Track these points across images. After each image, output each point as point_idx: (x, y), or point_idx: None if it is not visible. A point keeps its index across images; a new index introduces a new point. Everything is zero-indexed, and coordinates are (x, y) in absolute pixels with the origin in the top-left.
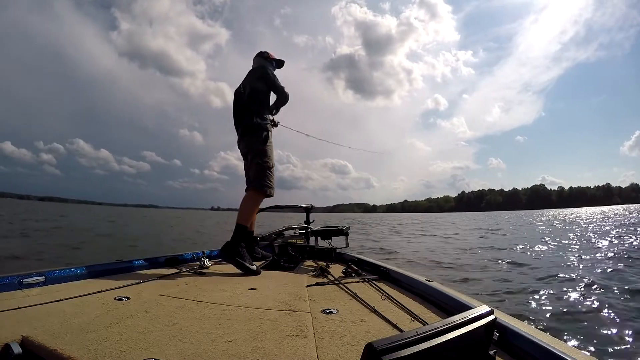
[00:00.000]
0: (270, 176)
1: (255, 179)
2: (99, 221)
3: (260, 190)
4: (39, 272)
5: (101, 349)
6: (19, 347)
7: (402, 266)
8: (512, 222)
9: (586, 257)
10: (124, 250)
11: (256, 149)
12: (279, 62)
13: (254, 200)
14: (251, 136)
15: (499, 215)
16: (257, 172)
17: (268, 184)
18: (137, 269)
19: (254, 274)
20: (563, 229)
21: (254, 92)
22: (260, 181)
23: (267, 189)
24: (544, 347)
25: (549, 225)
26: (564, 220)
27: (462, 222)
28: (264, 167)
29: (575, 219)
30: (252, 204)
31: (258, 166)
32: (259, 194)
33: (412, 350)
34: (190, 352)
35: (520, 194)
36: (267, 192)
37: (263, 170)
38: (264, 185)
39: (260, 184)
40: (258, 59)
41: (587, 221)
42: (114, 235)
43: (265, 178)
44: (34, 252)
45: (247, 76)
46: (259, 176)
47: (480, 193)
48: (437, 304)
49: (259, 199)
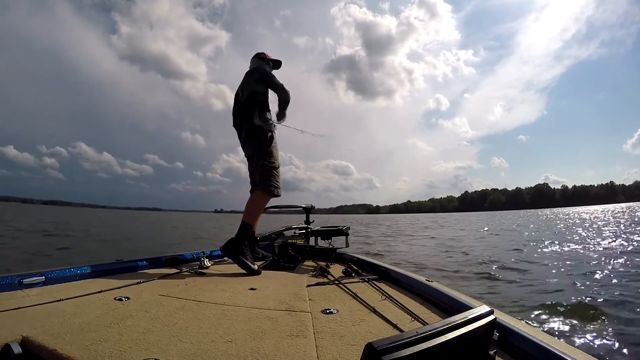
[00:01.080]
0: (277, 176)
1: (261, 180)
2: (109, 224)
3: (266, 190)
4: (39, 272)
5: (101, 349)
6: (19, 347)
7: (403, 266)
8: (534, 221)
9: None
10: (125, 252)
11: (262, 150)
12: (276, 62)
13: (261, 199)
14: (256, 138)
15: (511, 214)
16: (263, 173)
17: (274, 184)
18: (137, 269)
19: (254, 273)
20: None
21: (253, 94)
22: (266, 181)
23: (273, 189)
24: (544, 347)
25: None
26: (586, 219)
27: (479, 222)
28: (270, 167)
29: (595, 217)
30: (258, 203)
31: (264, 167)
32: (266, 194)
33: (412, 350)
34: (190, 352)
35: (523, 193)
36: (273, 192)
37: (269, 170)
38: (271, 185)
39: (266, 184)
40: (255, 60)
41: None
42: (118, 236)
43: (271, 178)
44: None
45: (244, 78)
46: (265, 177)
47: (483, 193)
48: (437, 304)
49: (266, 199)
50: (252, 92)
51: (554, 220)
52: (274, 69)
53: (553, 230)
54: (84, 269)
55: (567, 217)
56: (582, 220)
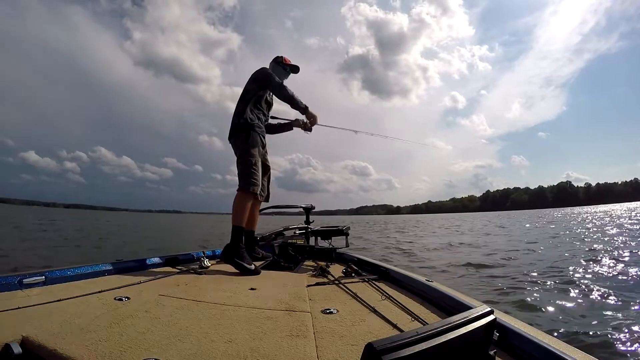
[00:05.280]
0: (255, 173)
1: (240, 179)
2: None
3: (245, 188)
4: (39, 272)
5: (101, 349)
6: (19, 347)
7: (404, 266)
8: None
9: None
10: (142, 251)
11: (240, 149)
12: (293, 67)
13: (242, 199)
14: (235, 137)
15: (547, 213)
16: (241, 171)
17: (253, 182)
18: (137, 269)
19: (252, 273)
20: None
21: (243, 92)
22: (244, 180)
23: (252, 186)
24: (544, 347)
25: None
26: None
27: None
28: (247, 164)
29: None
30: (240, 204)
31: (241, 165)
32: (246, 193)
33: (412, 350)
34: (190, 352)
35: (546, 191)
36: (251, 190)
37: (247, 169)
38: (249, 183)
39: (244, 183)
40: (271, 63)
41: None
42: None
43: (249, 176)
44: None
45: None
46: (243, 175)
47: (505, 192)
48: (437, 304)
49: (247, 198)
50: (243, 91)
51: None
52: (291, 73)
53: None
54: (84, 269)
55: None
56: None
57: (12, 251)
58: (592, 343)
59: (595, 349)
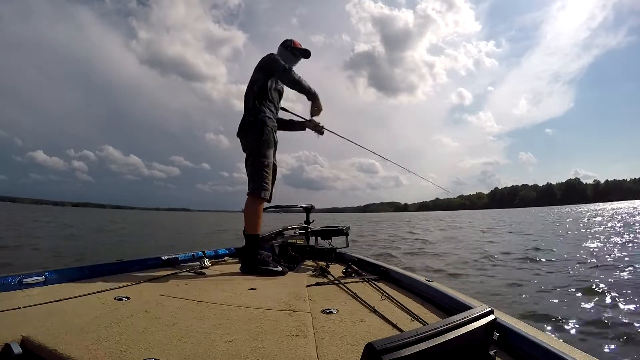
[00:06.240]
0: (267, 177)
1: (250, 181)
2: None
3: (256, 194)
4: (39, 272)
5: (101, 349)
6: (19, 347)
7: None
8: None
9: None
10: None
11: (250, 148)
12: (303, 51)
13: (253, 206)
14: (246, 133)
15: (565, 209)
16: (251, 174)
17: (264, 187)
18: (137, 269)
19: (281, 274)
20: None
21: (250, 84)
22: (254, 184)
23: (263, 191)
24: (544, 347)
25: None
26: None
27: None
28: (259, 167)
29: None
30: (253, 211)
31: (252, 167)
32: (256, 199)
33: (412, 350)
34: (190, 352)
35: (555, 188)
36: (262, 196)
37: (258, 170)
38: (259, 188)
39: (254, 187)
40: (279, 48)
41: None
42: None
43: (260, 180)
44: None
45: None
46: (253, 178)
47: (513, 189)
48: (437, 304)
49: (258, 204)
50: (250, 82)
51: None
52: (302, 57)
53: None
54: (84, 269)
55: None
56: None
57: (17, 248)
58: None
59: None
